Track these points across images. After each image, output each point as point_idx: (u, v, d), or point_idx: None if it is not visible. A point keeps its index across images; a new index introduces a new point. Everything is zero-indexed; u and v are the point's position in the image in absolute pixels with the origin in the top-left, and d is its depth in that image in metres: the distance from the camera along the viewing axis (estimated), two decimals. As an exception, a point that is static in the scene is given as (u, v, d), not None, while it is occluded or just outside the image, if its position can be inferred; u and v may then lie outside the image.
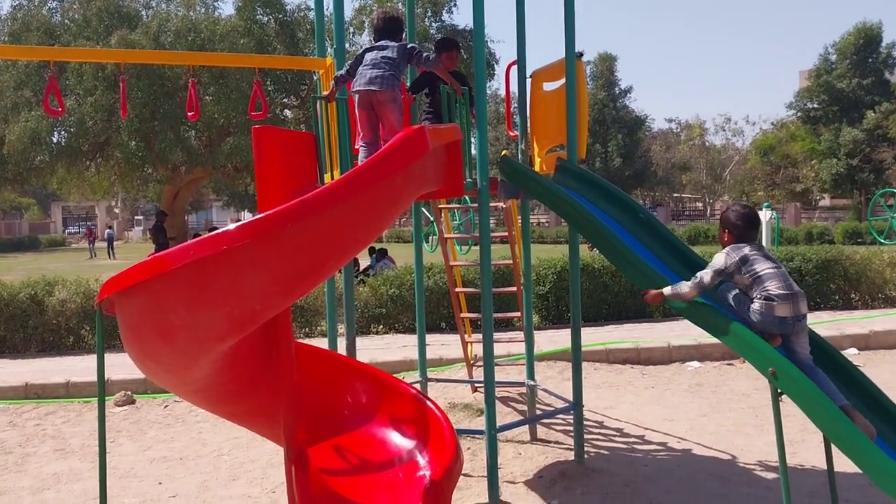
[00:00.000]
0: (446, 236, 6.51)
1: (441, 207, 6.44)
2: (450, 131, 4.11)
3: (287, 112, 24.96)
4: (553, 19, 7.69)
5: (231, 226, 2.49)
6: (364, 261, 14.66)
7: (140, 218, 61.33)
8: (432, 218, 7.69)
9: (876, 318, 10.03)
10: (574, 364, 5.32)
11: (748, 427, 5.99)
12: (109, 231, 39.34)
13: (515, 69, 5.76)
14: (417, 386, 5.65)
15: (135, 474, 5.41)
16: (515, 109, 5.85)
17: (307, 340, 9.02)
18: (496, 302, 7.40)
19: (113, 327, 2.97)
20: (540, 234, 36.95)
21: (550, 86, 5.52)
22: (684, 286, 3.59)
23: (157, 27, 21.91)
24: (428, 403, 3.67)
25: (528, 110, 5.71)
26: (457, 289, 6.69)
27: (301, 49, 22.38)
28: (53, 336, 9.81)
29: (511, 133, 6.37)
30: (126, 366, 4.95)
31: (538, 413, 6.19)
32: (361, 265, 14.10)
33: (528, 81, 5.69)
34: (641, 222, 4.50)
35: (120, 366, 6.87)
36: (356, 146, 4.12)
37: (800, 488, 4.52)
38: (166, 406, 7.21)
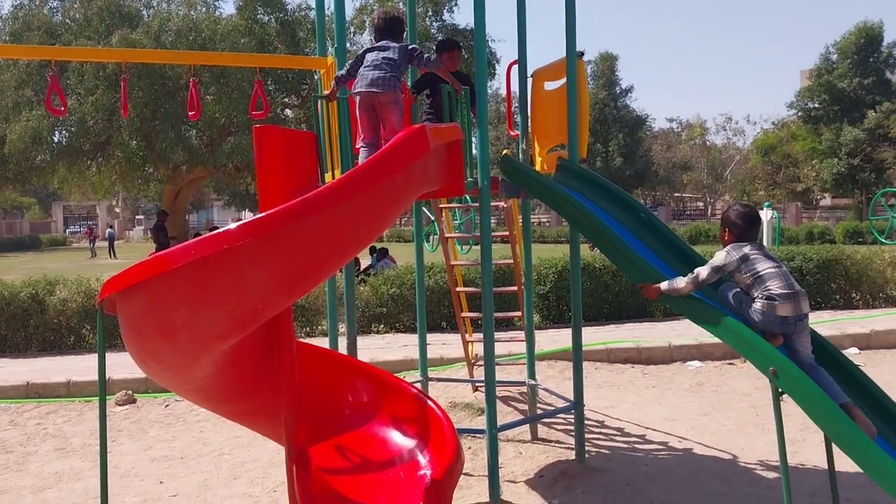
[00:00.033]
0: (447, 236, 6.51)
1: (442, 207, 6.44)
2: (451, 131, 4.11)
3: (288, 111, 24.95)
4: (554, 19, 7.67)
5: (232, 225, 2.49)
6: (365, 260, 14.66)
7: (141, 217, 61.35)
8: (433, 217, 7.68)
9: (877, 318, 10.03)
10: (575, 363, 5.32)
11: (749, 426, 5.99)
12: (110, 230, 39.32)
13: (516, 68, 5.76)
14: (418, 385, 5.66)
15: (136, 473, 5.41)
16: (516, 109, 5.85)
17: (308, 340, 9.02)
18: (497, 301, 7.40)
19: (114, 326, 2.97)
20: (541, 234, 36.94)
21: (551, 85, 5.52)
22: (680, 281, 3.62)
23: (158, 27, 21.90)
24: (429, 403, 3.67)
25: (529, 110, 5.71)
26: (458, 288, 6.70)
27: (302, 48, 22.37)
28: (54, 335, 9.82)
29: (512, 132, 6.37)
30: (127, 365, 4.94)
31: (539, 412, 6.19)
32: (362, 264, 14.10)
33: (529, 81, 5.69)
34: (642, 222, 4.50)
35: (121, 365, 6.87)
36: (357, 146, 4.12)
37: (801, 488, 4.52)
38: (167, 405, 7.22)
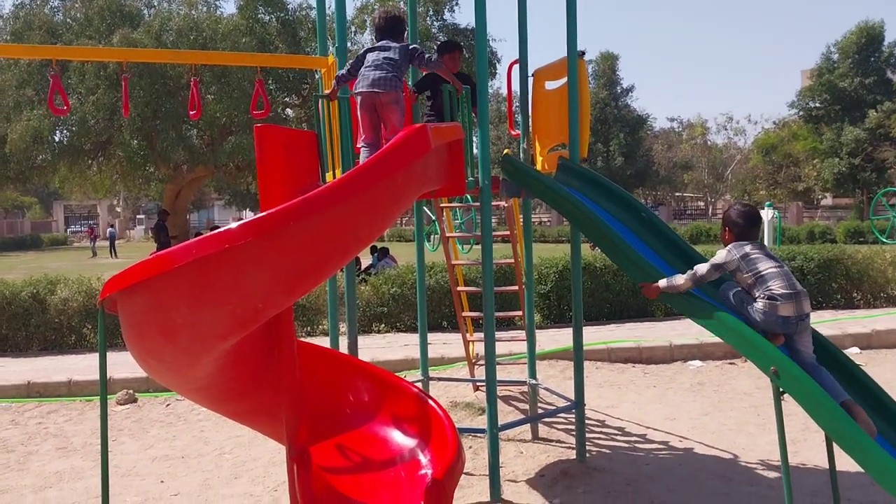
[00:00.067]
0: (448, 235, 6.51)
1: (443, 206, 6.44)
2: (452, 130, 4.10)
3: (289, 111, 24.96)
4: (555, 18, 7.67)
5: (233, 224, 2.49)
6: (366, 259, 14.65)
7: (142, 217, 61.42)
8: (434, 217, 7.69)
9: (878, 318, 10.02)
10: (576, 363, 5.32)
11: (750, 426, 5.99)
12: (111, 230, 39.28)
13: (517, 68, 5.76)
14: (419, 385, 5.66)
15: (137, 473, 5.42)
16: (517, 108, 5.85)
17: (309, 339, 9.03)
18: (498, 301, 7.41)
19: (115, 326, 2.97)
20: (541, 233, 36.92)
21: (552, 85, 5.51)
22: (679, 278, 3.63)
23: (159, 26, 21.91)
24: (430, 402, 3.67)
25: (530, 109, 5.70)
26: (458, 288, 6.69)
27: (303, 48, 22.37)
28: (55, 335, 9.83)
29: (513, 132, 6.37)
30: (128, 364, 4.96)
31: (540, 412, 6.19)
32: (363, 264, 14.10)
33: (530, 80, 5.69)
34: (643, 221, 4.50)
35: (122, 364, 6.89)
36: (357, 146, 4.12)
37: (802, 487, 4.52)
38: (168, 405, 7.22)
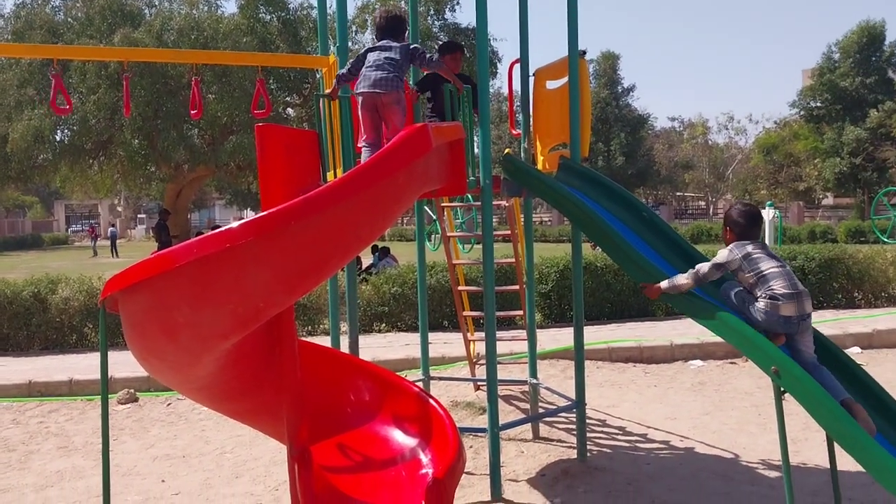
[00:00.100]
0: (449, 235, 6.51)
1: (444, 206, 6.44)
2: (453, 129, 4.10)
3: (290, 110, 24.97)
4: (556, 18, 7.68)
5: (234, 224, 2.49)
6: (367, 259, 14.66)
7: (143, 216, 61.45)
8: (435, 216, 7.69)
9: (879, 317, 10.02)
10: (577, 362, 5.32)
11: (751, 425, 5.99)
12: (112, 229, 39.32)
13: (518, 67, 5.76)
14: (420, 384, 5.66)
15: (138, 472, 5.42)
16: (518, 108, 5.84)
17: (310, 338, 9.03)
18: (498, 300, 7.40)
19: (116, 325, 2.97)
20: (542, 233, 36.93)
21: (553, 84, 5.51)
22: (681, 277, 3.63)
23: (161, 25, 21.92)
24: (431, 401, 3.67)
25: (531, 108, 5.70)
26: (459, 287, 6.70)
27: (304, 47, 22.38)
28: (57, 334, 9.83)
29: (514, 131, 6.37)
30: (129, 364, 4.96)
31: (541, 411, 6.19)
32: (364, 263, 14.10)
33: (531, 80, 5.68)
34: (644, 221, 4.50)
35: (123, 364, 6.89)
36: (359, 145, 4.12)
37: (803, 487, 4.51)
38: (169, 404, 7.22)
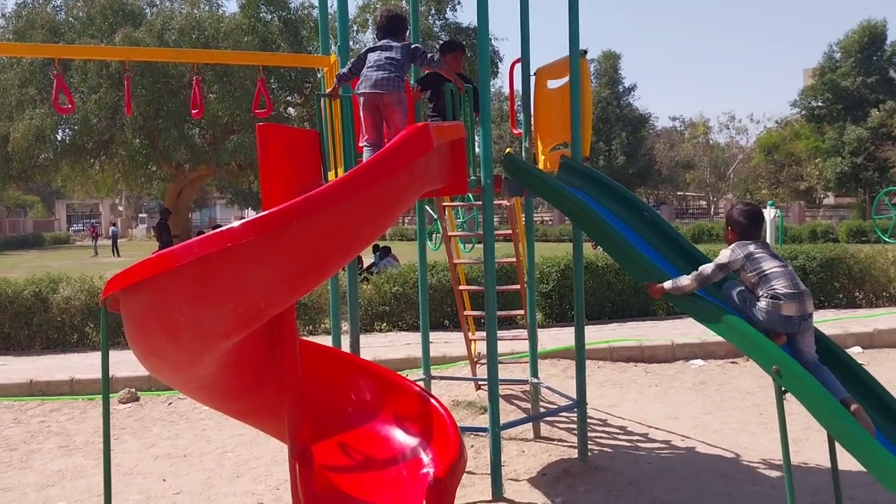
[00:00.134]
0: (450, 234, 6.51)
1: (445, 205, 6.44)
2: (454, 129, 4.10)
3: (291, 110, 24.98)
4: (557, 17, 7.67)
5: (235, 223, 2.49)
6: (368, 258, 14.66)
7: (144, 215, 61.48)
8: (436, 216, 7.69)
9: (880, 317, 10.01)
10: (578, 362, 5.32)
11: (752, 425, 5.99)
12: (113, 228, 39.38)
13: (519, 67, 5.75)
14: (421, 383, 5.66)
15: (139, 471, 5.42)
16: (519, 107, 5.84)
17: (311, 338, 9.04)
18: (499, 300, 7.39)
19: (117, 324, 2.98)
20: (543, 232, 36.92)
21: (554, 83, 5.50)
22: (684, 279, 3.62)
23: (162, 25, 21.92)
24: (432, 401, 3.67)
25: (532, 108, 5.70)
26: (460, 286, 6.70)
27: (305, 47, 22.39)
28: (58, 333, 9.84)
29: (515, 131, 6.36)
30: (130, 363, 4.96)
31: (542, 411, 6.19)
32: (365, 263, 14.11)
33: (532, 79, 5.68)
34: (645, 220, 4.50)
35: (124, 363, 6.89)
36: (360, 145, 4.12)
37: (804, 486, 4.51)
38: (170, 403, 7.23)
